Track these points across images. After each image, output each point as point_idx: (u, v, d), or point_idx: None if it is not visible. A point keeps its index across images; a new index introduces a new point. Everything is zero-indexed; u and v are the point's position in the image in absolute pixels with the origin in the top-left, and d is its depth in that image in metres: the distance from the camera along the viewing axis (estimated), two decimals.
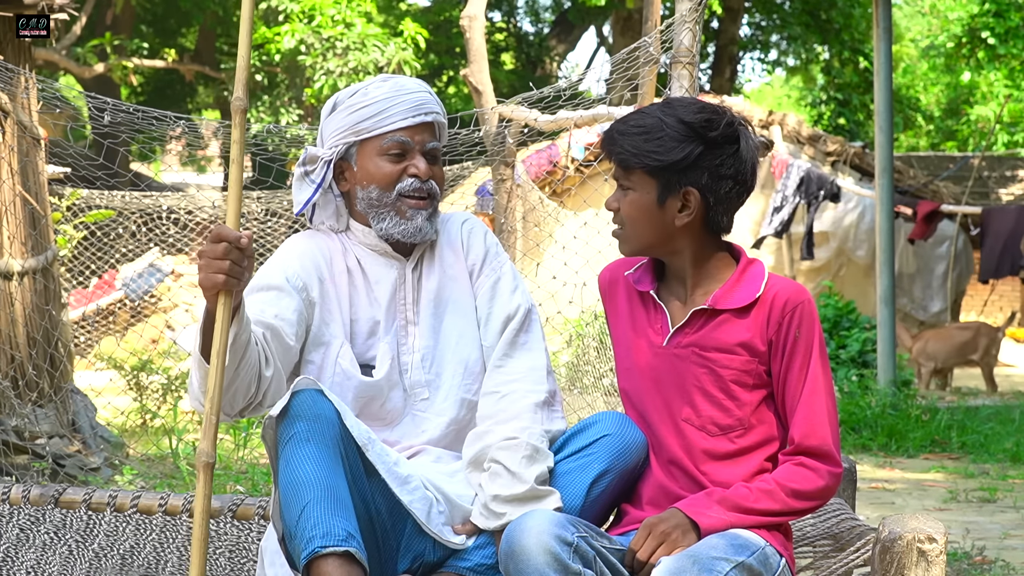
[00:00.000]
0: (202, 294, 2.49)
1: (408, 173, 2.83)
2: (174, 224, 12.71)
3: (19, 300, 6.18)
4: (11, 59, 6.22)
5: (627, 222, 2.61)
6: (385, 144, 2.83)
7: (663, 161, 2.53)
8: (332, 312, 2.84)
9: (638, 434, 2.66)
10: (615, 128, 2.60)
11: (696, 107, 2.56)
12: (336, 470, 2.51)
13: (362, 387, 2.79)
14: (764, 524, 2.52)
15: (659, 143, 2.53)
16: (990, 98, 24.00)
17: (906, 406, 9.61)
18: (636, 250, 2.64)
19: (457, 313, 2.89)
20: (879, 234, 10.25)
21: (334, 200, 2.93)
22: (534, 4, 24.50)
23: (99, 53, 18.86)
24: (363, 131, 2.83)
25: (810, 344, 2.56)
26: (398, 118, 2.82)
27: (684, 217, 2.57)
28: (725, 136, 2.54)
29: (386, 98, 2.83)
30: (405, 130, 2.83)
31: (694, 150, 2.53)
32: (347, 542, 2.44)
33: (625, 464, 2.65)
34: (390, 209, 2.84)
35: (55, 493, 3.29)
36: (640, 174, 2.56)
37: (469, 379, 2.85)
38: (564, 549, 2.37)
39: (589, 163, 10.87)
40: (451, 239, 2.93)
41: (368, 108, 2.83)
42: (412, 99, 2.84)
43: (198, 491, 2.45)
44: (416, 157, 2.84)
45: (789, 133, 13.48)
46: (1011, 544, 5.54)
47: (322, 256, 2.88)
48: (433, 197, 2.86)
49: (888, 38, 9.98)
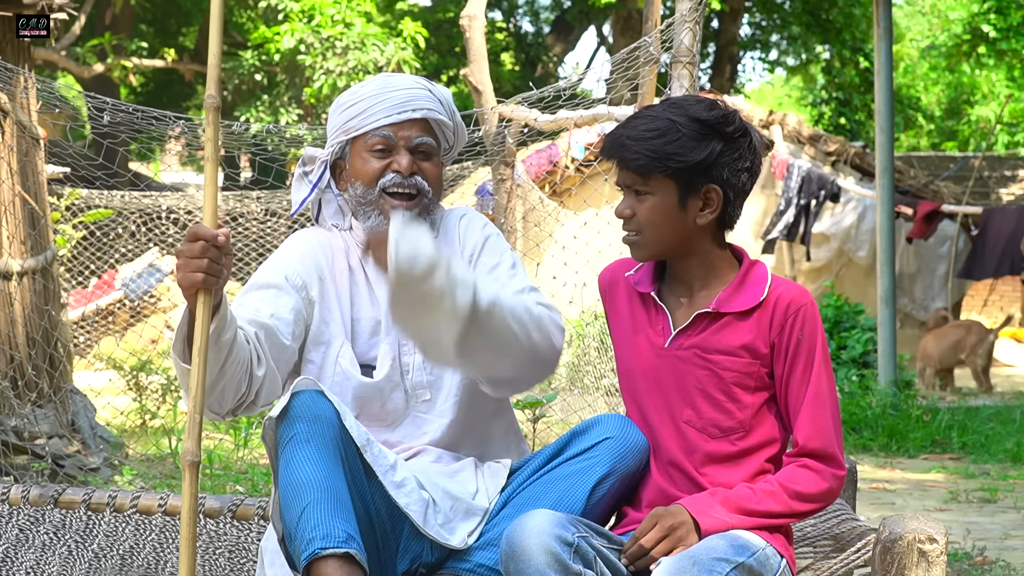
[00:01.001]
0: (182, 294, 2.49)
1: (391, 168, 2.82)
2: (173, 224, 12.71)
3: (18, 300, 6.17)
4: (11, 59, 6.21)
5: (646, 227, 2.56)
6: (370, 140, 2.83)
7: (686, 162, 2.50)
8: (332, 311, 2.83)
9: (640, 436, 2.65)
10: (624, 134, 2.55)
11: (705, 104, 2.54)
12: (336, 471, 2.50)
13: (361, 388, 2.79)
14: (766, 526, 2.52)
15: (679, 144, 2.50)
16: (991, 98, 24.01)
17: (907, 406, 9.60)
18: (653, 255, 2.61)
19: None
20: (880, 234, 10.25)
21: (335, 199, 2.93)
22: (534, 4, 24.50)
23: (98, 53, 18.86)
24: (351, 129, 2.84)
25: (813, 347, 2.55)
26: (383, 115, 2.82)
27: (707, 215, 2.56)
28: (739, 129, 2.54)
29: (372, 95, 2.83)
30: (390, 126, 2.82)
31: (715, 147, 2.51)
32: (347, 543, 2.43)
33: (627, 467, 2.63)
34: (373, 207, 2.84)
35: (54, 493, 3.29)
36: (659, 177, 2.52)
37: (470, 389, 2.82)
38: (565, 549, 2.37)
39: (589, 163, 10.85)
40: (448, 234, 2.92)
41: (356, 106, 2.84)
42: (399, 96, 2.83)
43: (184, 490, 2.44)
44: (400, 153, 2.83)
45: (789, 133, 13.47)
46: (1012, 544, 5.54)
47: (323, 254, 2.87)
48: (420, 194, 2.84)
49: (888, 38, 9.97)
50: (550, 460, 2.68)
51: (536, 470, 2.68)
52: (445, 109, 2.90)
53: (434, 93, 2.89)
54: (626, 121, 2.59)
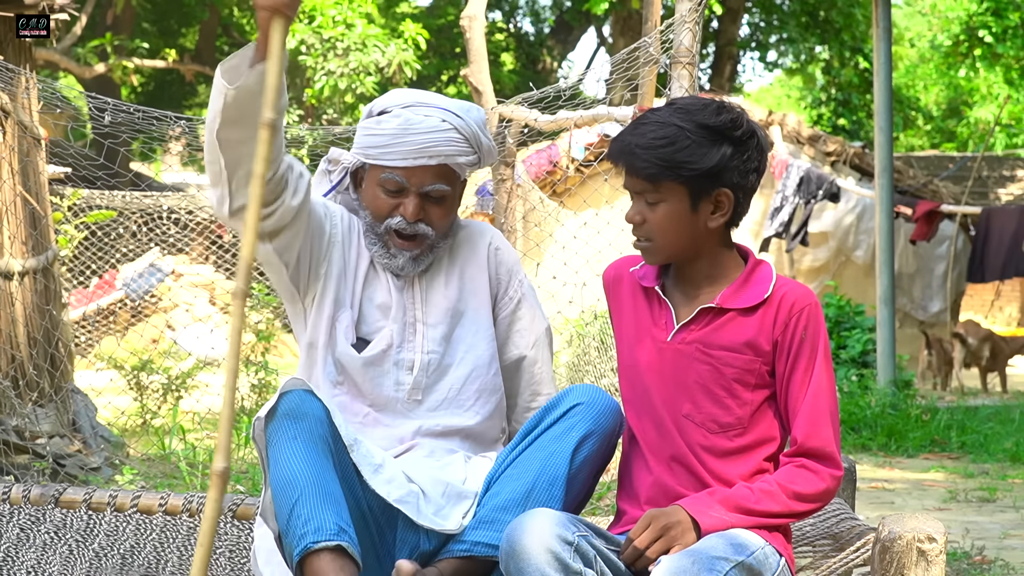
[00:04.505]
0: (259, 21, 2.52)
1: (398, 211, 2.84)
2: (174, 224, 12.72)
3: (19, 300, 6.18)
4: (11, 59, 6.22)
5: (657, 234, 2.56)
6: (383, 178, 2.84)
7: (699, 169, 2.50)
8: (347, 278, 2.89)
9: (611, 400, 2.68)
10: (633, 142, 2.53)
11: (712, 108, 2.54)
12: (325, 465, 2.52)
13: (344, 356, 2.84)
14: (765, 525, 2.52)
15: (689, 152, 2.50)
16: (989, 99, 24.00)
17: (906, 406, 9.61)
18: (665, 259, 2.61)
19: (470, 326, 2.93)
20: (879, 234, 10.25)
21: (351, 202, 2.99)
22: (534, 4, 24.50)
23: (99, 53, 18.86)
24: (370, 157, 2.85)
25: (815, 346, 2.56)
26: (398, 157, 2.81)
27: (718, 218, 2.56)
28: (748, 132, 2.55)
29: (393, 133, 2.81)
30: (403, 170, 2.82)
31: (725, 152, 2.52)
32: (339, 536, 2.45)
33: (604, 427, 2.66)
34: (379, 239, 2.88)
35: (55, 493, 3.30)
36: (670, 184, 2.52)
37: (465, 394, 2.89)
38: (565, 548, 2.38)
39: (589, 163, 10.87)
40: (477, 255, 2.97)
41: (377, 138, 2.83)
42: (418, 140, 2.80)
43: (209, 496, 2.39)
44: (409, 197, 2.83)
45: (789, 133, 13.47)
46: (1011, 544, 5.54)
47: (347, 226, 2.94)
48: (423, 238, 2.86)
49: (888, 38, 9.97)
50: (528, 434, 2.70)
51: (515, 445, 2.71)
52: (471, 143, 2.85)
53: (461, 131, 2.83)
54: (633, 127, 2.57)
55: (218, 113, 2.63)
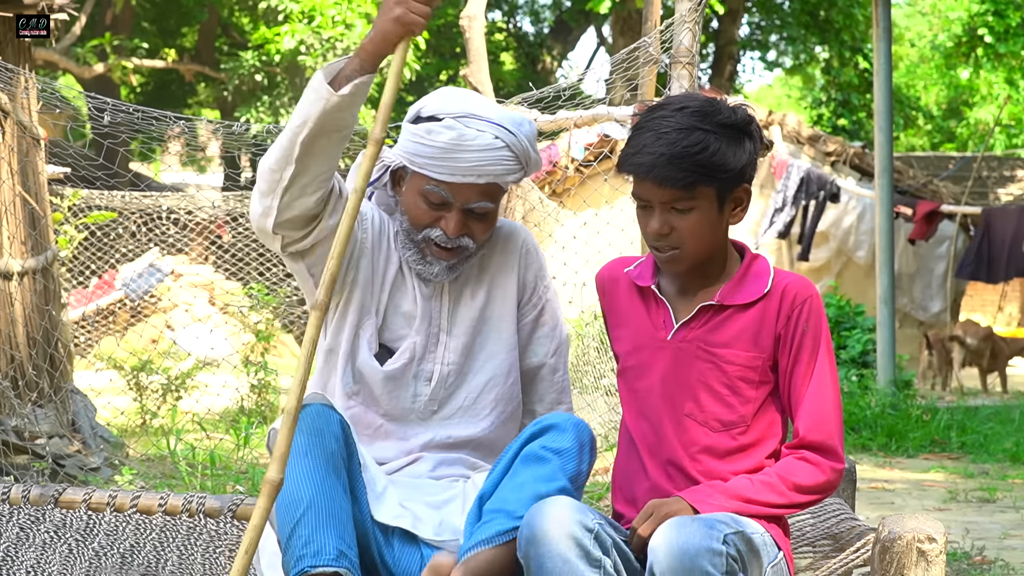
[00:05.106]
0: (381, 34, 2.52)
1: (439, 225, 2.76)
2: (174, 224, 12.71)
3: (19, 300, 6.18)
4: (11, 59, 6.21)
5: (688, 240, 2.52)
6: (427, 189, 2.74)
7: (733, 169, 2.50)
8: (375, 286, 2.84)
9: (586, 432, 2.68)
10: (664, 153, 2.46)
11: (719, 107, 2.53)
12: (333, 485, 2.50)
13: (366, 366, 2.79)
14: (764, 515, 2.52)
15: (722, 156, 2.48)
16: (990, 100, 23.99)
17: (906, 406, 9.61)
18: (692, 265, 2.57)
19: (493, 334, 2.89)
20: (879, 234, 10.25)
21: (388, 199, 2.92)
22: (534, 4, 24.50)
23: (99, 53, 18.85)
24: (415, 164, 2.75)
25: (817, 338, 2.56)
26: (446, 172, 2.71)
27: (740, 213, 2.57)
28: (756, 124, 2.56)
29: (443, 147, 2.69)
30: (449, 185, 2.73)
31: (749, 148, 2.53)
32: (337, 561, 2.43)
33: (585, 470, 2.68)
34: (414, 246, 2.80)
35: (55, 493, 3.29)
36: (704, 189, 2.50)
37: (482, 403, 2.85)
38: (586, 535, 2.38)
39: (589, 163, 10.86)
40: (508, 258, 2.91)
41: (425, 148, 2.72)
42: (471, 159, 2.70)
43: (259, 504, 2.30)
44: (451, 212, 2.75)
45: (789, 133, 13.47)
46: (1011, 544, 5.54)
47: (383, 232, 2.88)
48: (461, 250, 2.78)
49: (888, 38, 9.97)
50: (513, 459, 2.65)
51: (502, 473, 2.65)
52: (521, 159, 2.76)
53: (513, 148, 2.74)
54: (654, 138, 2.50)
55: (313, 119, 2.57)
